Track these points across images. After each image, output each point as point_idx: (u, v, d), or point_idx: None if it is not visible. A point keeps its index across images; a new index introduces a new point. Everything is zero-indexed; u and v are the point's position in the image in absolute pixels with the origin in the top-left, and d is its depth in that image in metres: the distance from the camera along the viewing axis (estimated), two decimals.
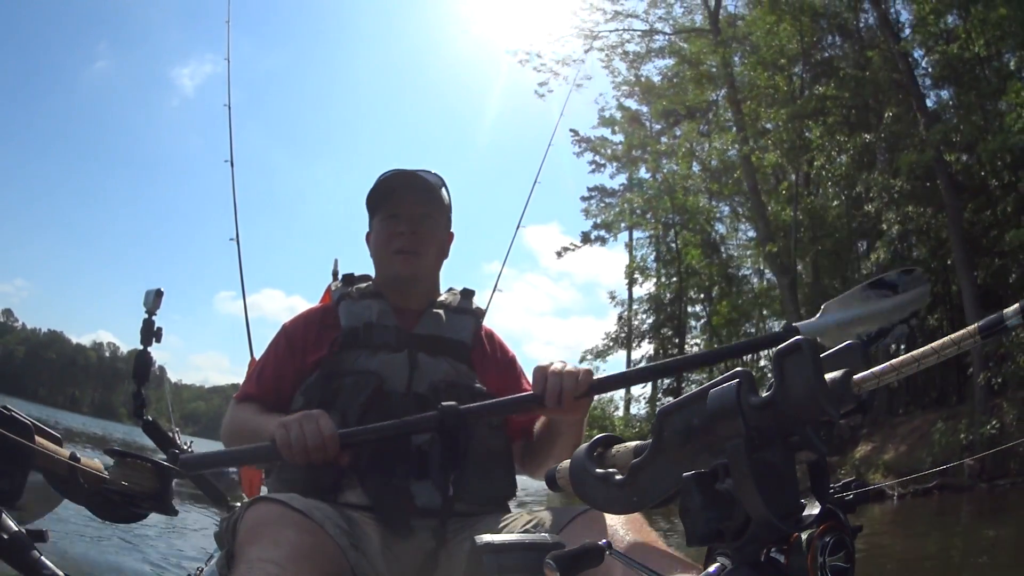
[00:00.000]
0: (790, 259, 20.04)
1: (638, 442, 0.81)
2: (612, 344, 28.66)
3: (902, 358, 0.58)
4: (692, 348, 28.04)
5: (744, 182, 21.54)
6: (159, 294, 2.11)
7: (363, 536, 1.29)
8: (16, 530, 0.80)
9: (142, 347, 2.09)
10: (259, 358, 1.80)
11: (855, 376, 0.61)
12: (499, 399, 1.50)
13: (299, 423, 1.34)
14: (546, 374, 1.44)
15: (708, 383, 0.65)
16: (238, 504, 1.30)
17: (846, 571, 0.61)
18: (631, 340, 28.42)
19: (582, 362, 28.31)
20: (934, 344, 0.57)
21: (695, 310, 28.11)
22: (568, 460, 0.83)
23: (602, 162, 28.92)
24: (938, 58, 16.98)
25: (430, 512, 1.43)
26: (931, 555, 7.59)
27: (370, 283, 1.81)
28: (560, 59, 22.78)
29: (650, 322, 28.38)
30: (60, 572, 0.80)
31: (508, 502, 1.58)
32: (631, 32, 23.20)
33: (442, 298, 1.82)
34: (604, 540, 0.78)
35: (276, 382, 1.69)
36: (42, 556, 0.80)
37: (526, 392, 1.60)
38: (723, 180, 23.32)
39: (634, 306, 28.73)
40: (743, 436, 0.60)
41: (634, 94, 25.56)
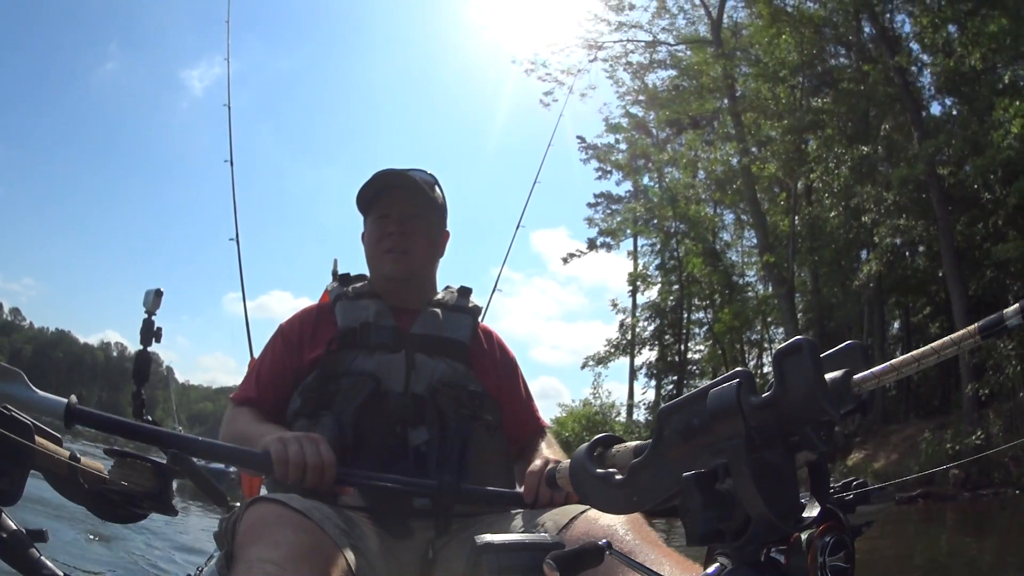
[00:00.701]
0: (787, 269, 20.12)
1: (638, 442, 0.81)
2: (614, 351, 28.88)
3: (902, 358, 0.59)
4: (695, 356, 28.36)
5: (747, 190, 21.70)
6: (159, 294, 2.11)
7: (362, 537, 1.28)
8: (16, 529, 0.79)
9: (142, 347, 2.09)
10: (257, 358, 1.80)
11: (855, 376, 0.60)
12: (491, 490, 1.48)
13: (299, 441, 1.34)
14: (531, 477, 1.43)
15: (708, 383, 0.65)
16: (238, 504, 1.30)
17: (846, 571, 0.61)
18: (634, 347, 28.62)
19: (584, 368, 28.71)
20: (934, 344, 0.57)
21: (699, 317, 28.29)
22: (568, 460, 0.83)
23: (608, 168, 29.23)
24: (940, 70, 17.13)
25: (428, 513, 1.43)
26: (920, 558, 7.64)
27: (366, 283, 1.81)
28: (565, 69, 23.03)
29: (651, 329, 28.56)
30: (60, 572, 0.79)
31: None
32: (635, 43, 23.39)
33: (439, 296, 1.83)
34: (604, 540, 0.78)
35: (274, 381, 1.69)
36: (42, 556, 0.80)
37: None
38: (727, 188, 23.45)
39: (637, 313, 28.97)
40: (743, 436, 0.59)
41: (639, 102, 25.78)
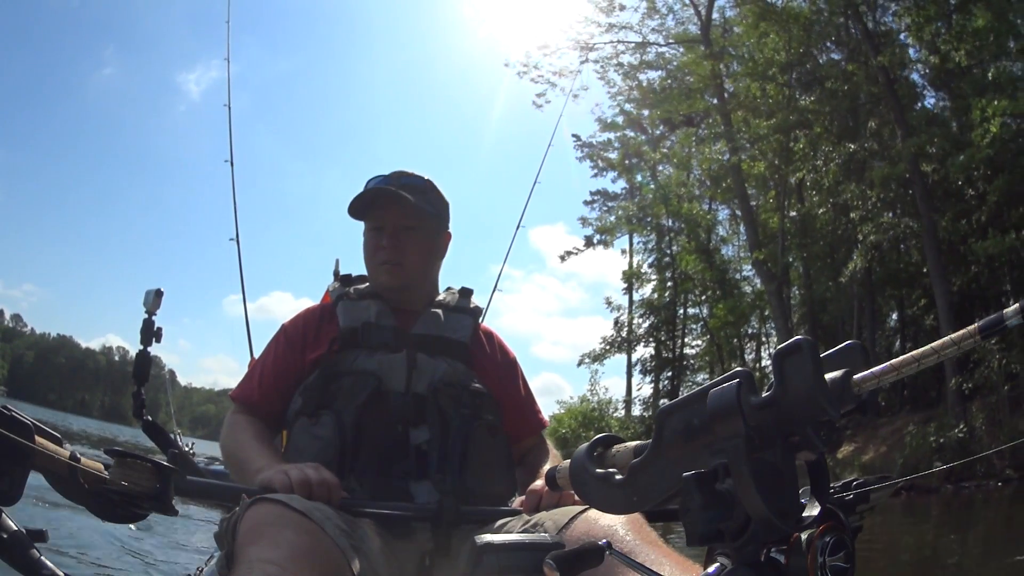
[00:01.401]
0: (776, 266, 20.26)
1: (638, 442, 0.82)
2: (609, 348, 29.07)
3: (902, 358, 0.59)
4: (691, 351, 28.63)
5: (737, 188, 21.82)
6: (159, 294, 2.10)
7: (363, 537, 1.28)
8: (16, 529, 0.79)
9: (142, 347, 2.08)
10: (258, 357, 1.79)
11: (855, 376, 0.61)
12: (490, 509, 1.47)
13: (302, 470, 1.34)
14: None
15: (708, 383, 0.65)
16: (238, 504, 1.30)
17: (846, 571, 0.61)
18: (631, 344, 28.85)
19: (580, 365, 28.94)
20: (934, 344, 0.57)
21: (695, 312, 28.55)
22: (568, 460, 0.84)
23: (603, 166, 29.40)
24: (928, 67, 17.29)
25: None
26: (907, 551, 7.73)
27: (368, 284, 1.83)
28: (557, 70, 23.11)
29: (646, 326, 28.78)
30: (60, 572, 0.79)
31: (508, 502, 1.58)
32: (625, 44, 23.47)
33: (440, 297, 1.84)
34: (604, 540, 0.78)
35: (275, 381, 1.69)
36: (42, 556, 0.80)
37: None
38: (720, 184, 23.62)
39: (633, 310, 29.19)
40: (743, 436, 0.59)
41: (632, 100, 25.86)
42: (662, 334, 28.39)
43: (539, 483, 1.43)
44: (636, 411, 28.61)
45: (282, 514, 1.17)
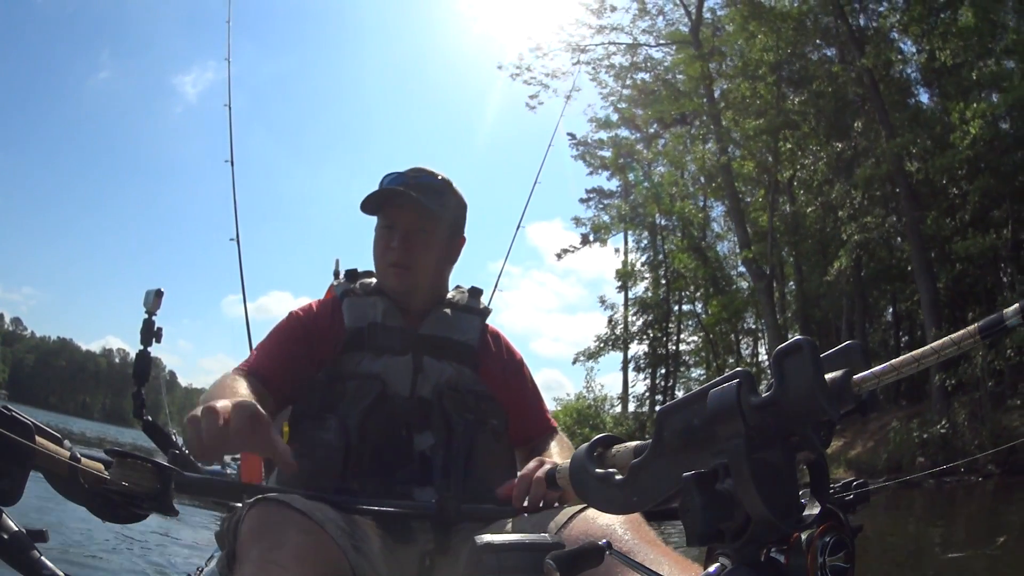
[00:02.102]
0: (766, 264, 20.39)
1: (638, 442, 0.82)
2: (603, 346, 29.15)
3: (902, 358, 0.60)
4: (688, 347, 28.83)
5: (727, 187, 21.93)
6: (159, 294, 2.09)
7: (365, 538, 1.28)
8: (16, 530, 0.79)
9: (142, 347, 2.07)
10: (267, 337, 1.71)
11: (855, 376, 0.61)
12: (489, 508, 1.40)
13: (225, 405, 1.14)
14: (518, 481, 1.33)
15: (708, 383, 0.65)
16: (239, 504, 1.29)
17: (846, 571, 0.61)
18: (627, 341, 28.96)
19: (575, 363, 29.05)
20: (934, 344, 0.58)
21: (690, 308, 28.77)
22: (568, 460, 0.84)
23: (598, 165, 29.52)
24: (916, 65, 17.43)
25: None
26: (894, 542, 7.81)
27: (374, 280, 1.79)
28: (550, 72, 23.19)
29: (640, 323, 28.96)
30: (60, 572, 0.79)
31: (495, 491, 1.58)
32: (616, 45, 23.55)
33: (450, 296, 1.81)
34: (604, 540, 0.79)
35: (288, 363, 1.62)
36: (42, 556, 0.79)
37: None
38: (712, 182, 23.74)
39: (628, 307, 29.34)
40: (743, 436, 0.59)
41: (625, 98, 25.94)
42: (656, 331, 28.53)
43: (531, 464, 1.34)
44: (631, 408, 28.76)
45: (284, 514, 1.17)
